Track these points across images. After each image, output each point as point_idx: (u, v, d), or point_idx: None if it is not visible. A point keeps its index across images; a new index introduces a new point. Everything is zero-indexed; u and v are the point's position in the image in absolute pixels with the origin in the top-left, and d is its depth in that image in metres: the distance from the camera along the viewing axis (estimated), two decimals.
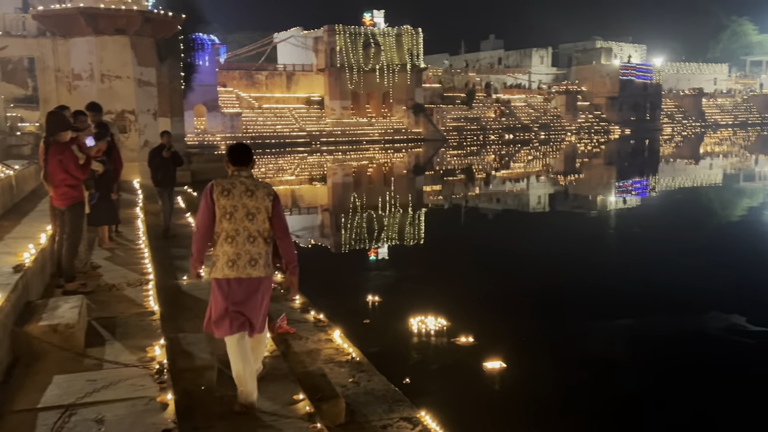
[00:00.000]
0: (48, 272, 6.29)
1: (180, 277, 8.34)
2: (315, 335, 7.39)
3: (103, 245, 8.14)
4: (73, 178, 5.86)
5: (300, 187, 28.25)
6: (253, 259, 4.42)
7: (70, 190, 5.90)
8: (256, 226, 4.42)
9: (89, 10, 16.52)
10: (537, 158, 43.95)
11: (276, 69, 63.48)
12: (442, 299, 9.43)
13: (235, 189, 4.40)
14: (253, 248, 4.42)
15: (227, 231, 4.39)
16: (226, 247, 4.40)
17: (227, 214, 4.38)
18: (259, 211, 4.42)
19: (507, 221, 19.32)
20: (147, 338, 4.76)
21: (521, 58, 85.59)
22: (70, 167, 5.80)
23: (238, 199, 4.40)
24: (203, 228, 4.44)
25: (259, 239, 4.43)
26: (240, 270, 4.40)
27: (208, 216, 4.40)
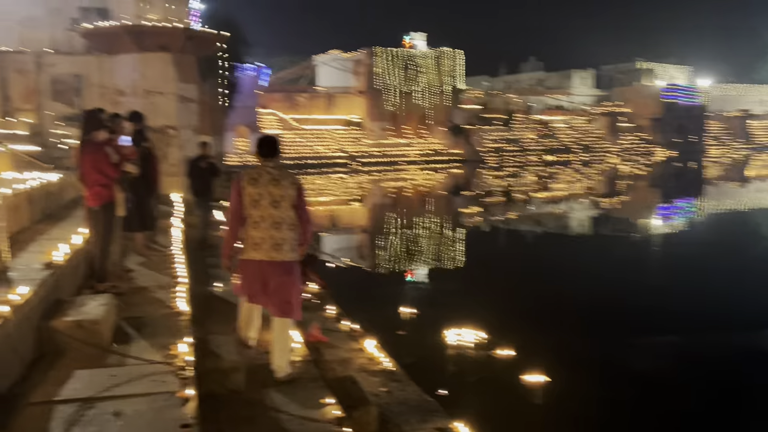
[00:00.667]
0: (82, 273, 6.24)
1: (213, 283, 8.26)
2: (348, 344, 7.19)
3: (138, 251, 8.11)
4: (105, 177, 5.82)
5: (339, 207, 28.23)
6: (276, 243, 4.74)
7: (103, 189, 5.86)
8: (281, 212, 4.72)
9: (134, 28, 16.89)
10: (578, 180, 43.14)
11: (316, 91, 64.23)
12: (480, 313, 9.13)
13: (262, 178, 4.74)
14: (277, 233, 4.73)
15: (253, 217, 4.74)
16: (252, 232, 4.76)
17: (254, 201, 4.72)
18: (284, 199, 4.73)
19: (548, 242, 18.83)
20: (173, 337, 4.63)
21: (562, 80, 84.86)
22: (102, 166, 5.77)
23: (263, 187, 4.72)
24: (234, 213, 4.84)
25: (283, 225, 4.74)
26: (264, 253, 4.74)
27: (238, 202, 4.78)
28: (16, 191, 6.89)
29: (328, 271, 13.70)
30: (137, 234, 8.14)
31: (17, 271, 4.94)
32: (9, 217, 6.63)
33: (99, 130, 5.86)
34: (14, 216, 6.80)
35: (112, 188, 5.94)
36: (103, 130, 5.89)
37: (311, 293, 9.52)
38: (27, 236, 6.64)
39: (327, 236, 20.16)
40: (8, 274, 4.81)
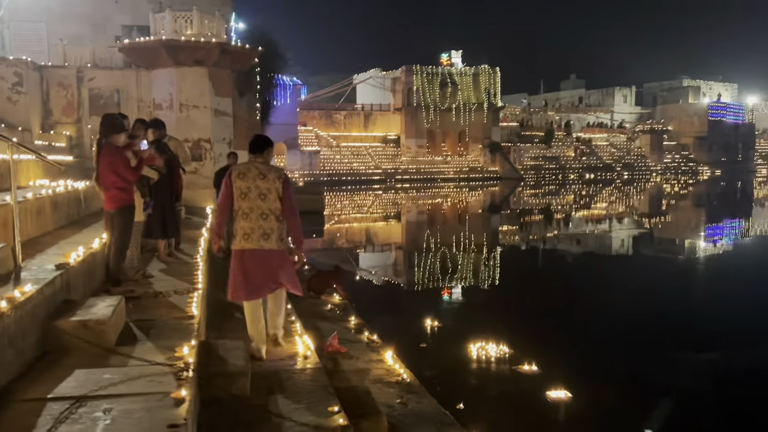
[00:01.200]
0: (98, 277, 6.23)
1: None
2: (366, 355, 7.05)
3: (160, 258, 8.12)
4: (122, 180, 5.82)
5: (374, 224, 28.16)
6: (265, 233, 5.15)
7: (120, 192, 5.85)
8: (268, 204, 5.12)
9: (170, 43, 17.19)
10: (620, 199, 42.24)
11: (354, 109, 64.75)
12: (506, 327, 8.90)
13: (250, 173, 5.14)
14: (265, 224, 5.14)
15: (243, 209, 5.15)
16: (242, 223, 5.18)
17: (243, 194, 5.12)
18: (270, 192, 5.12)
19: (585, 261, 18.32)
20: (180, 340, 4.54)
21: (603, 97, 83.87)
22: (119, 168, 5.76)
23: (251, 181, 5.11)
24: (222, 205, 5.28)
25: (270, 216, 5.14)
26: (254, 242, 5.15)
27: (227, 195, 5.18)
28: (39, 196, 6.95)
29: (357, 283, 13.60)
30: (160, 241, 8.16)
31: (29, 271, 4.94)
32: (31, 220, 6.71)
33: (117, 132, 5.86)
34: (37, 220, 6.87)
35: (130, 192, 5.94)
36: (121, 132, 5.89)
37: (334, 304, 9.42)
38: (48, 239, 6.68)
39: (362, 252, 20.09)
40: (21, 274, 4.80)
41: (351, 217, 30.14)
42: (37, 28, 24.10)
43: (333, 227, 25.75)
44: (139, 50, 17.78)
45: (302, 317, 8.22)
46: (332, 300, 9.71)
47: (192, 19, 17.69)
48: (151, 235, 7.72)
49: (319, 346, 7.03)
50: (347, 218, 29.69)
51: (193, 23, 17.69)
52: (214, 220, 5.39)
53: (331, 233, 24.21)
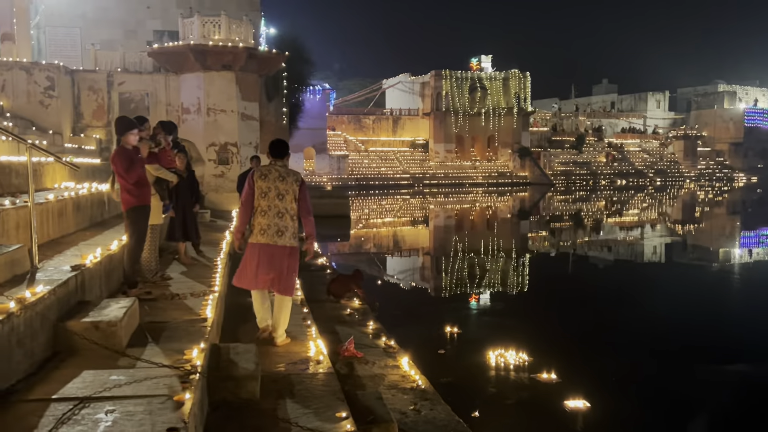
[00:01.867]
0: (117, 278, 6.29)
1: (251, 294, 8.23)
2: (382, 361, 6.99)
3: (181, 260, 8.17)
4: (125, 181, 5.83)
5: (401, 229, 28.11)
6: (280, 230, 5.57)
7: (126, 194, 5.89)
8: (285, 204, 5.56)
9: (198, 47, 17.40)
10: (652, 205, 41.47)
11: (383, 113, 64.84)
12: (526, 335, 8.76)
13: (271, 174, 5.59)
14: (281, 222, 5.57)
15: (262, 207, 5.58)
16: (260, 219, 5.59)
17: (263, 193, 5.56)
18: (288, 193, 5.56)
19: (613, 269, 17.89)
20: (191, 342, 4.55)
21: (636, 103, 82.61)
22: (119, 169, 5.79)
23: (272, 182, 5.56)
24: (245, 203, 5.66)
25: (286, 215, 5.58)
26: (269, 237, 5.56)
27: (250, 194, 5.62)
28: (60, 198, 7.05)
29: (381, 288, 13.55)
30: (180, 243, 8.21)
31: (45, 272, 4.99)
32: (53, 222, 6.80)
33: (126, 134, 5.86)
34: (58, 222, 6.97)
35: (137, 194, 5.89)
36: (132, 129, 5.88)
37: (353, 309, 9.38)
38: (69, 241, 6.77)
39: (388, 256, 20.04)
40: (36, 275, 4.86)
41: (378, 222, 30.13)
42: (72, 34, 24.65)
43: (359, 231, 25.75)
44: (168, 55, 18.03)
45: (320, 321, 8.20)
46: (352, 304, 9.67)
47: (220, 23, 17.89)
48: (172, 238, 7.76)
49: (334, 350, 7.01)
50: (374, 223, 29.69)
51: (221, 28, 17.89)
52: (237, 218, 5.81)
53: (358, 238, 24.21)
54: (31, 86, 17.04)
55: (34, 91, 17.08)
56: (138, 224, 5.91)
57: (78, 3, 24.35)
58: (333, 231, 24.27)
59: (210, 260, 8.57)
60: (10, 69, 16.79)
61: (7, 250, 4.80)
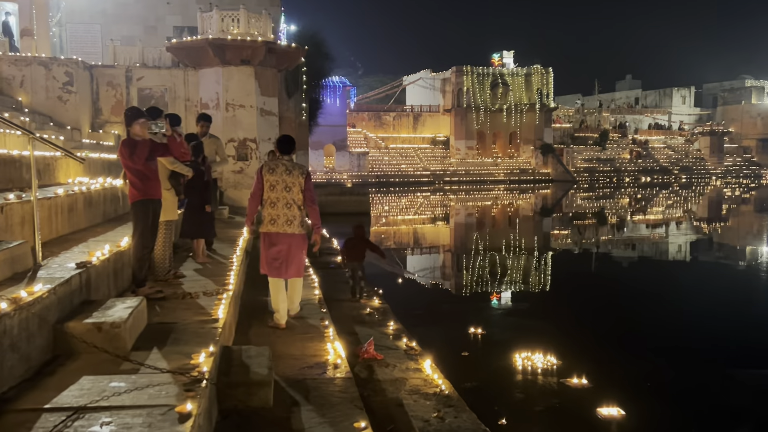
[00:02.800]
0: (127, 277, 6.03)
1: (269, 296, 7.95)
2: (403, 363, 6.65)
3: (197, 258, 7.90)
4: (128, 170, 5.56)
5: (421, 226, 27.75)
6: (289, 219, 6.06)
7: (132, 187, 5.62)
8: (292, 195, 6.03)
9: (217, 42, 17.17)
10: (677, 203, 40.60)
11: (403, 110, 64.43)
12: (554, 337, 8.38)
13: (278, 168, 6.05)
14: (289, 212, 6.05)
15: (271, 198, 6.05)
16: (269, 210, 6.08)
17: (271, 186, 6.02)
18: (294, 185, 6.02)
19: (640, 267, 17.40)
20: (199, 345, 4.26)
21: (660, 98, 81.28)
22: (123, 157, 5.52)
23: (279, 175, 6.03)
24: (254, 194, 6.14)
25: (294, 206, 6.05)
26: (279, 226, 6.07)
27: (259, 187, 6.08)
28: (70, 193, 6.81)
29: (401, 286, 13.23)
30: (196, 241, 7.94)
31: (48, 269, 4.73)
32: (62, 218, 6.57)
33: (131, 124, 5.57)
34: (68, 217, 6.73)
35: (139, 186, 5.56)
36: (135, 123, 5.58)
37: (373, 308, 9.07)
38: (78, 237, 6.53)
39: (408, 254, 19.72)
40: (38, 273, 4.60)
41: (398, 219, 29.79)
42: (92, 30, 24.65)
43: (380, 229, 25.44)
44: (187, 49, 17.84)
45: (339, 321, 7.90)
46: (372, 303, 9.35)
47: (239, 18, 17.65)
48: (183, 234, 7.50)
49: (353, 352, 6.70)
50: (394, 220, 29.37)
51: (239, 22, 17.65)
52: (248, 209, 6.29)
53: (378, 234, 23.90)
54: (50, 81, 16.93)
55: (53, 86, 16.98)
56: (140, 219, 5.61)
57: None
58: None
59: (226, 258, 8.29)
60: (29, 64, 16.69)
61: (7, 246, 4.54)
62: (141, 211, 5.62)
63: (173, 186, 6.53)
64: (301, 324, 6.67)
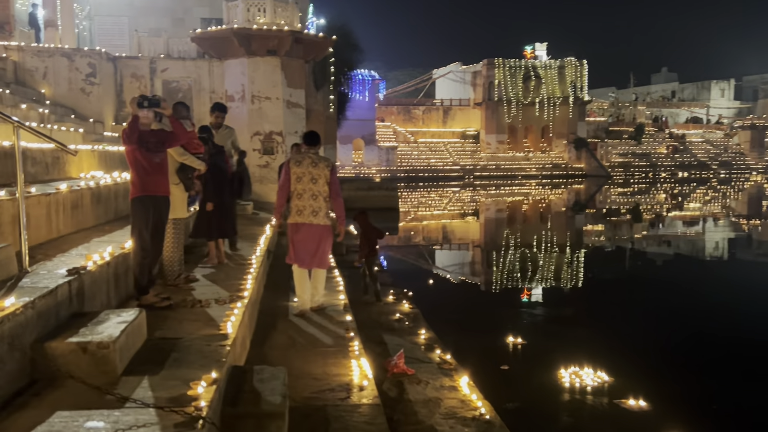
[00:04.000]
0: (131, 283, 5.45)
1: (291, 299, 7.33)
2: (437, 380, 5.97)
3: (209, 261, 7.29)
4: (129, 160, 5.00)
5: (451, 222, 27.02)
6: (314, 210, 6.21)
7: (131, 182, 5.05)
8: (318, 187, 6.18)
9: (242, 31, 16.63)
10: (716, 198, 39.13)
11: (433, 104, 63.52)
12: (602, 348, 7.63)
13: (305, 161, 6.19)
14: (315, 203, 6.20)
15: (297, 190, 6.19)
16: (296, 201, 6.22)
17: (298, 178, 6.16)
18: (320, 177, 6.15)
19: (683, 267, 16.43)
20: (203, 368, 3.64)
21: (698, 91, 78.99)
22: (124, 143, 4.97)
23: (305, 167, 6.17)
24: (282, 187, 6.27)
25: (319, 197, 6.20)
26: (305, 217, 6.21)
27: (286, 179, 6.21)
28: (75, 189, 6.26)
29: (430, 287, 12.55)
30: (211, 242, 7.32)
31: (35, 276, 4.15)
32: (64, 216, 6.02)
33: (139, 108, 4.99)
34: (72, 215, 6.19)
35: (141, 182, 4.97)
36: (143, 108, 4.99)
37: (403, 313, 8.40)
38: (81, 237, 5.98)
39: (438, 250, 19.04)
40: (21, 281, 4.02)
41: (428, 215, 29.07)
42: (119, 23, 24.39)
43: (409, 224, 24.77)
44: (212, 40, 17.33)
45: (365, 329, 7.26)
46: (401, 308, 8.69)
47: (265, 7, 17.08)
48: (193, 234, 6.87)
49: (381, 365, 6.06)
50: (424, 215, 28.66)
51: (266, 12, 17.08)
52: (277, 201, 6.35)
53: (407, 231, 23.23)
54: (73, 73, 16.56)
55: (75, 78, 16.60)
56: (137, 219, 5.02)
57: None
58: (381, 224, 23.24)
59: (245, 259, 7.70)
60: (51, 55, 16.34)
61: None
62: (139, 209, 5.02)
63: (182, 180, 5.92)
64: (324, 333, 6.04)
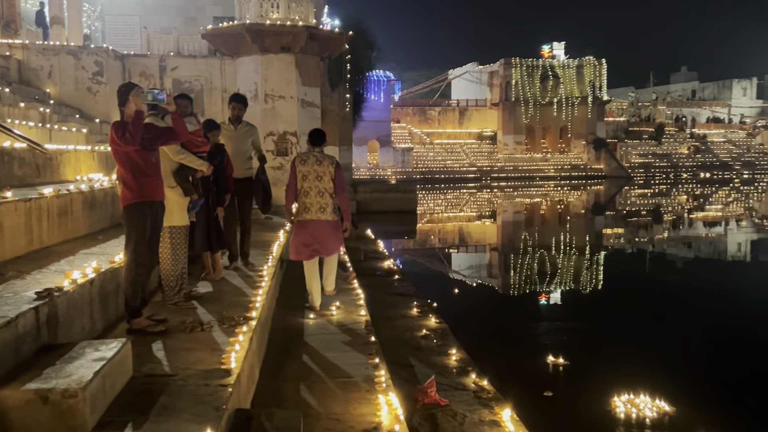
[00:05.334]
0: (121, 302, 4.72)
1: (306, 316, 6.57)
2: (475, 412, 5.19)
3: (208, 276, 6.35)
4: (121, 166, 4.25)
5: (468, 224, 26.18)
6: (321, 207, 6.34)
7: (122, 186, 4.30)
8: (323, 184, 6.32)
9: (255, 27, 15.89)
10: (739, 200, 37.95)
11: (449, 104, 62.70)
12: (656, 370, 6.79)
13: (309, 159, 6.34)
14: (321, 200, 6.34)
15: (304, 188, 6.33)
16: (303, 199, 6.36)
17: (304, 176, 6.30)
18: (325, 174, 6.30)
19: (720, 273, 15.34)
20: (197, 419, 2.89)
21: (719, 91, 77.51)
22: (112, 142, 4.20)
23: (311, 166, 6.30)
24: (290, 186, 6.41)
25: (326, 194, 6.34)
26: (312, 214, 6.34)
27: (293, 178, 6.37)
28: (62, 194, 5.54)
29: (455, 297, 11.74)
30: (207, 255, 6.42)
31: None
32: (48, 224, 5.30)
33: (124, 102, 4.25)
34: (57, 223, 5.47)
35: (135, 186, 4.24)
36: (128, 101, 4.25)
37: (430, 329, 7.61)
38: (66, 249, 5.25)
39: (459, 254, 18.24)
40: None
41: (446, 217, 28.27)
42: (131, 22, 23.87)
43: (427, 226, 23.98)
44: (223, 36, 16.61)
45: (389, 348, 6.49)
46: (428, 323, 7.90)
47: (278, 2, 16.34)
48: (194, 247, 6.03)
49: (409, 393, 5.29)
50: (443, 218, 27.86)
51: (279, 7, 16.34)
52: (286, 199, 6.47)
53: (426, 233, 22.44)
54: (79, 72, 15.92)
55: (82, 76, 15.96)
56: (133, 229, 4.28)
57: None
58: (399, 227, 22.58)
59: (255, 270, 6.95)
60: (57, 53, 15.72)
61: None
62: (135, 218, 4.28)
63: (180, 183, 5.15)
64: (345, 359, 5.27)
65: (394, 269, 11.85)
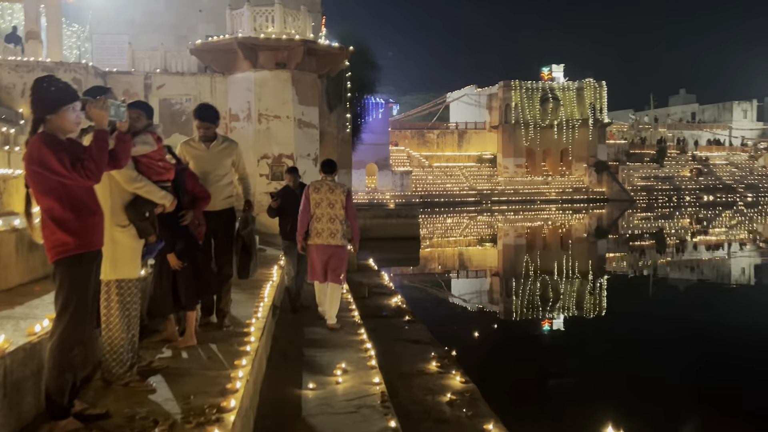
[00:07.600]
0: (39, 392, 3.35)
1: (305, 384, 5.19)
2: None
3: (173, 342, 4.79)
4: (56, 200, 2.95)
5: (468, 249, 24.94)
6: (332, 233, 6.92)
7: (56, 228, 2.97)
8: (335, 211, 6.92)
9: (248, 41, 14.70)
10: (742, 223, 36.87)
11: (447, 127, 61.94)
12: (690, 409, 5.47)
13: (322, 187, 6.94)
14: (332, 226, 6.92)
15: (317, 214, 6.95)
16: (315, 224, 6.96)
17: (317, 203, 6.92)
18: (337, 202, 6.91)
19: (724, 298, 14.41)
20: None
21: (719, 113, 77.00)
22: (48, 169, 2.90)
23: (323, 193, 6.91)
24: (303, 212, 6.99)
25: (336, 220, 6.94)
26: (324, 239, 6.93)
27: (306, 204, 6.97)
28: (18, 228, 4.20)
29: (476, 342, 10.39)
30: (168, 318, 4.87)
31: None
32: (18, 259, 3.95)
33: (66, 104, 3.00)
34: (27, 259, 4.11)
35: (79, 227, 2.96)
36: (65, 109, 3.00)
37: (456, 391, 6.22)
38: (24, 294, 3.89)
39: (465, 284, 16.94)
40: None
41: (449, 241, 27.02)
42: (119, 41, 22.64)
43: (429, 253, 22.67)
44: (214, 52, 15.42)
45: (408, 421, 5.14)
46: (452, 382, 6.52)
47: (273, 15, 15.18)
48: (153, 313, 4.60)
49: None
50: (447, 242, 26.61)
51: (274, 20, 15.18)
52: (299, 225, 6.92)
53: (429, 261, 21.13)
54: None
55: None
56: (74, 291, 2.95)
57: (126, 8, 22.59)
58: (402, 255, 21.27)
59: (241, 322, 5.57)
60: (31, 70, 14.40)
61: None
62: (79, 275, 2.96)
63: (134, 222, 3.77)
64: None
65: (403, 308, 10.48)
